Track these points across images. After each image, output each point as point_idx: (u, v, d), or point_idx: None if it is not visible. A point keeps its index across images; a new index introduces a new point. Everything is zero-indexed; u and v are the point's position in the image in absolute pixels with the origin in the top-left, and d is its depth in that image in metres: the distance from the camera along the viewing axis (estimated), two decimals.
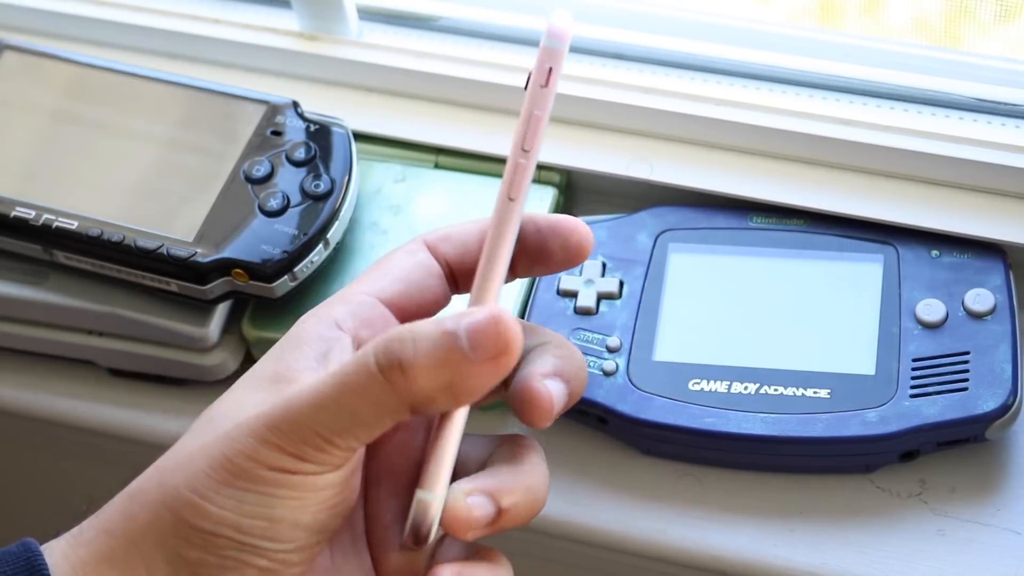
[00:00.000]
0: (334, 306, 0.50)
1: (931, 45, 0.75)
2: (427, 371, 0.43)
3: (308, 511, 0.45)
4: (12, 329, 0.73)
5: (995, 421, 0.62)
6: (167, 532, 0.45)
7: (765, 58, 0.74)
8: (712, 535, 0.63)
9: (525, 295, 0.69)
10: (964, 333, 0.65)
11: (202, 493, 0.45)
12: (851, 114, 0.71)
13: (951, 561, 0.62)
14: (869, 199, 0.70)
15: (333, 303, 0.50)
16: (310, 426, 0.44)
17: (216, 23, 0.80)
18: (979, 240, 0.68)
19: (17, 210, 0.70)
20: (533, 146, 0.47)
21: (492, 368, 0.43)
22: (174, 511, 0.45)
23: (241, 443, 0.45)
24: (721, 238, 0.70)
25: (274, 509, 0.45)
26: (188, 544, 0.45)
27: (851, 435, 0.62)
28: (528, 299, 0.69)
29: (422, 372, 0.43)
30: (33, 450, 0.77)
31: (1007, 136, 0.70)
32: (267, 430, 0.44)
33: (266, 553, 0.45)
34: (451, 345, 0.43)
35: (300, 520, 0.45)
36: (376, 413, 0.44)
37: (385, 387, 0.43)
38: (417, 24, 0.79)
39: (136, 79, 0.74)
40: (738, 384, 0.64)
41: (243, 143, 0.71)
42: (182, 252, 0.67)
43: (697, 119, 0.72)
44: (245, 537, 0.45)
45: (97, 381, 0.73)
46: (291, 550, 0.45)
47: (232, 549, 0.45)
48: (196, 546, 0.45)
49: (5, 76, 0.75)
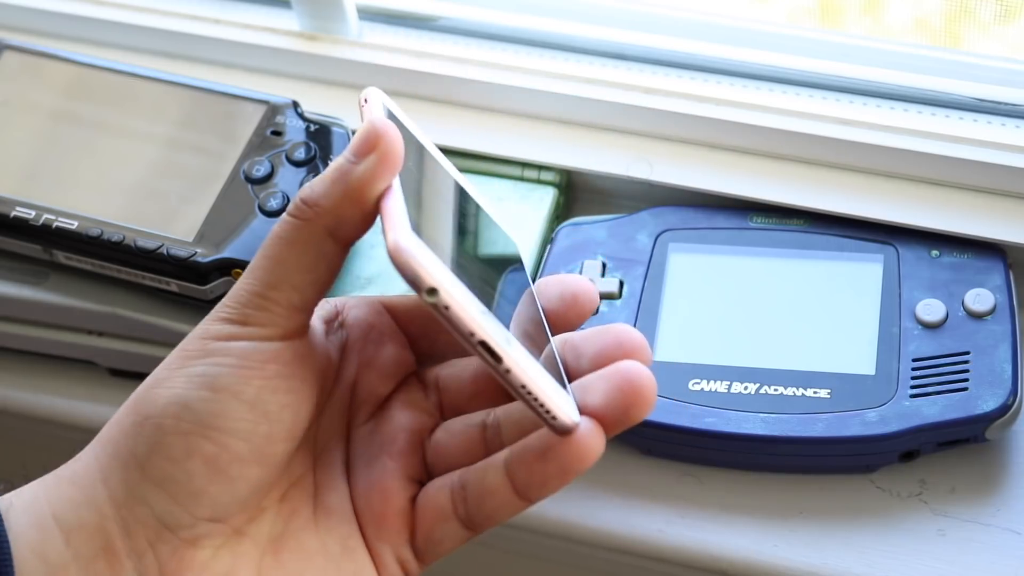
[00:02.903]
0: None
1: (931, 45, 0.75)
2: (324, 192, 0.46)
3: (252, 382, 0.46)
4: (12, 329, 0.73)
5: (995, 421, 0.62)
6: (123, 432, 0.47)
7: (765, 58, 0.74)
8: (712, 535, 0.64)
9: None
10: (964, 333, 0.65)
11: (156, 382, 0.47)
12: (851, 114, 0.71)
13: (951, 561, 0.62)
14: (869, 199, 0.70)
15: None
16: (247, 287, 0.47)
17: (216, 23, 0.80)
18: (979, 240, 0.68)
19: (17, 210, 0.70)
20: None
21: (375, 159, 0.46)
22: (131, 410, 0.47)
23: (193, 331, 0.47)
24: (721, 238, 0.70)
25: (217, 378, 0.46)
26: (140, 438, 0.46)
27: (851, 435, 0.62)
28: None
29: (321, 195, 0.46)
30: (33, 450, 0.77)
31: (1007, 136, 0.70)
32: (215, 309, 0.47)
33: (212, 435, 0.45)
34: (338, 163, 0.46)
35: (244, 392, 0.46)
36: (300, 251, 0.47)
37: (298, 225, 0.47)
38: (417, 24, 0.79)
39: (136, 79, 0.74)
40: (738, 384, 0.64)
41: (243, 143, 0.71)
42: (182, 252, 0.67)
43: (697, 119, 0.72)
44: (190, 414, 0.45)
45: (97, 381, 0.73)
46: (238, 433, 0.46)
47: (178, 433, 0.45)
48: (146, 437, 0.46)
49: (5, 76, 0.75)
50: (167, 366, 0.47)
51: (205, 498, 0.46)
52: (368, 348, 0.51)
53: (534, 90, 0.74)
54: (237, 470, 0.46)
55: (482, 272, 0.49)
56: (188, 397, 0.46)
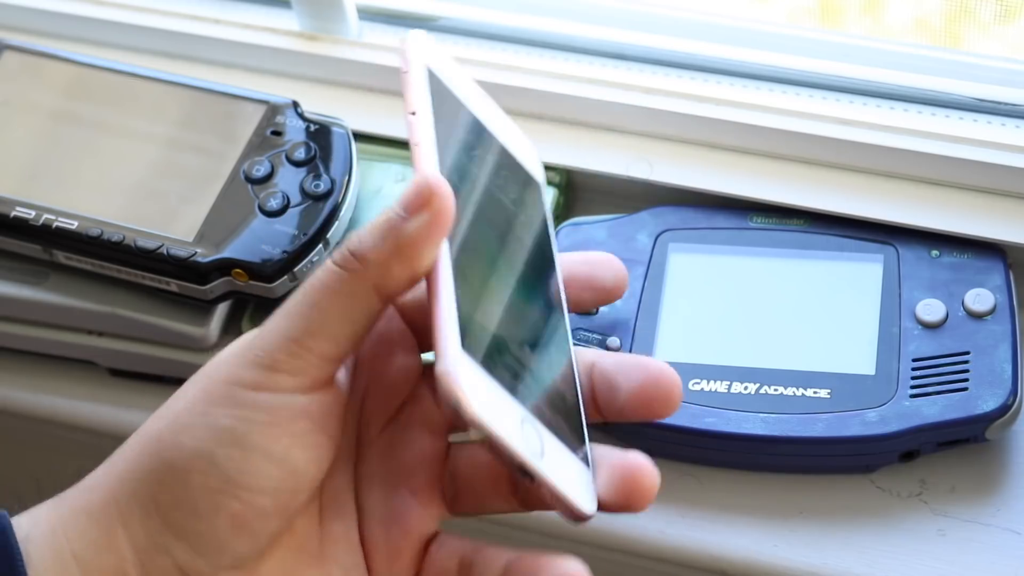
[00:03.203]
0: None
1: (931, 45, 0.75)
2: (373, 246, 0.45)
3: (281, 440, 0.45)
4: (12, 329, 0.73)
5: (995, 421, 0.62)
6: (143, 477, 0.45)
7: (765, 58, 0.74)
8: (712, 535, 0.63)
9: None
10: (964, 333, 0.65)
11: (180, 428, 0.45)
12: (851, 114, 0.71)
13: (951, 561, 0.62)
14: (869, 199, 0.70)
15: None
16: (281, 331, 0.45)
17: (216, 23, 0.80)
18: (979, 240, 0.68)
19: (17, 210, 0.70)
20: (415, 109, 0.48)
21: (427, 218, 0.44)
22: (152, 453, 0.45)
23: (219, 374, 0.46)
24: (721, 238, 0.70)
25: (248, 435, 0.44)
26: (162, 487, 0.45)
27: (851, 435, 0.62)
28: None
29: (370, 248, 0.45)
30: (33, 450, 0.77)
31: (1007, 136, 0.70)
32: (241, 348, 0.46)
33: (239, 494, 0.44)
34: (388, 217, 0.45)
35: (273, 450, 0.44)
36: (343, 303, 0.45)
37: (344, 276, 0.45)
38: (417, 24, 0.79)
39: (136, 79, 0.74)
40: (738, 384, 0.64)
41: (243, 143, 0.71)
42: (182, 252, 0.67)
43: (697, 119, 0.72)
44: (218, 471, 0.44)
45: (97, 381, 0.73)
46: (265, 491, 0.45)
47: (205, 489, 0.44)
48: (169, 488, 0.45)
49: (5, 76, 0.75)
50: (190, 409, 0.45)
51: (227, 550, 0.45)
52: (378, 362, 0.49)
53: (534, 90, 0.74)
54: (261, 525, 0.45)
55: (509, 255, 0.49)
56: (216, 454, 0.44)
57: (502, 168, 0.51)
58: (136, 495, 0.45)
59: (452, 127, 0.49)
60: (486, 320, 0.46)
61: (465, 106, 0.51)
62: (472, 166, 0.49)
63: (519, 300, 0.49)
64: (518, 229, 0.51)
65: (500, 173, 0.51)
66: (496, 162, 0.51)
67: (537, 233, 0.52)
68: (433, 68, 0.49)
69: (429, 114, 0.48)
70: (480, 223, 0.48)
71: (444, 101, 0.49)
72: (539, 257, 0.51)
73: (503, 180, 0.51)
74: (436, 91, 0.49)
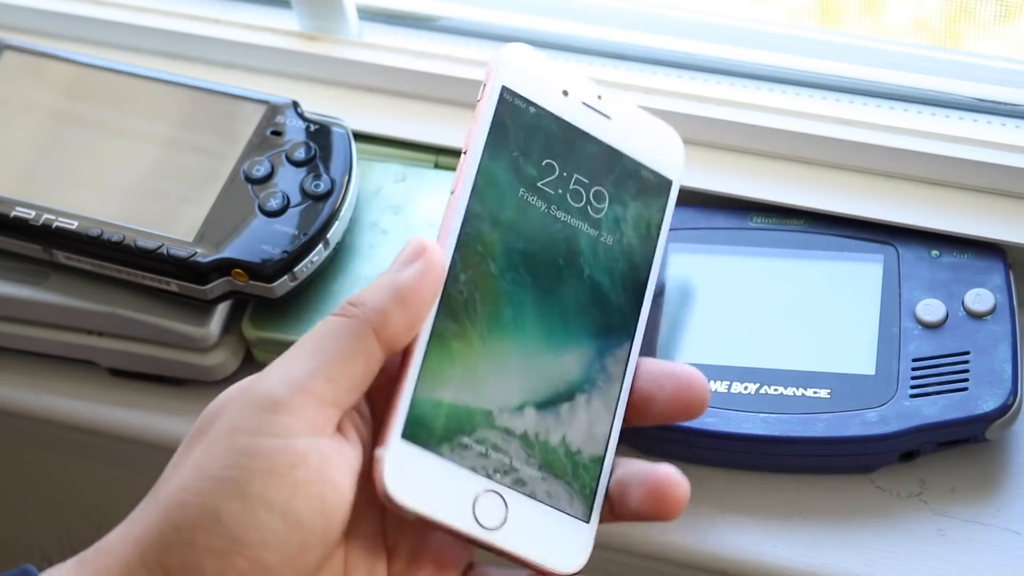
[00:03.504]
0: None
1: (931, 45, 0.75)
2: (370, 294, 0.47)
3: (281, 490, 0.44)
4: (12, 329, 0.73)
5: (995, 421, 0.62)
6: (152, 540, 0.45)
7: (765, 58, 0.74)
8: (712, 535, 0.63)
9: None
10: (964, 333, 0.65)
11: (184, 486, 0.45)
12: (851, 114, 0.71)
13: (951, 561, 0.62)
14: (869, 199, 0.70)
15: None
16: (279, 373, 0.46)
17: (216, 23, 0.80)
18: (979, 240, 0.68)
19: (17, 210, 0.70)
20: (468, 146, 0.50)
21: (420, 267, 0.47)
22: (159, 514, 0.45)
23: (220, 424, 0.46)
24: (721, 238, 0.70)
25: (247, 484, 0.44)
26: (168, 551, 0.44)
27: (851, 435, 0.62)
28: None
29: (367, 296, 0.47)
30: (33, 450, 0.77)
31: (1007, 136, 0.70)
32: (241, 392, 0.46)
33: (244, 551, 0.44)
34: (384, 272, 0.47)
35: (273, 501, 0.44)
36: (340, 342, 0.46)
37: (342, 321, 0.46)
38: (417, 24, 0.79)
39: (136, 79, 0.74)
40: (738, 384, 0.64)
41: (243, 143, 0.71)
42: (182, 252, 0.67)
43: (697, 119, 0.72)
44: (222, 529, 0.44)
45: (97, 381, 0.73)
46: (269, 546, 0.44)
47: (210, 550, 0.44)
48: (176, 551, 0.44)
49: (5, 76, 0.75)
50: (193, 464, 0.45)
51: None
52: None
53: None
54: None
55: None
56: (220, 510, 0.44)
57: (601, 175, 0.52)
58: (145, 561, 0.45)
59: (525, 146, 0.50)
60: (469, 393, 0.47)
61: (558, 118, 0.51)
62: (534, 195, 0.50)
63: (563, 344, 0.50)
64: (601, 256, 0.51)
65: (594, 184, 0.51)
66: (590, 174, 0.51)
67: (632, 256, 0.52)
68: (514, 85, 0.50)
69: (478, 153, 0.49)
70: (526, 266, 0.49)
71: (521, 119, 0.50)
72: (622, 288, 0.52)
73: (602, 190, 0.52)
74: (512, 111, 0.50)
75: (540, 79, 0.51)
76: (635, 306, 0.51)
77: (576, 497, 0.49)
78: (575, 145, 0.51)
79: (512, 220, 0.49)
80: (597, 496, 0.49)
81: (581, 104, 0.52)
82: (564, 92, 0.51)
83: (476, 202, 0.49)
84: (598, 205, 0.51)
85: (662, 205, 0.53)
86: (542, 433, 0.49)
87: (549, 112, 0.51)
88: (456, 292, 0.48)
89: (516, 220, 0.49)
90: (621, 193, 0.52)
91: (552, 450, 0.49)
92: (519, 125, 0.50)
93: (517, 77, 0.50)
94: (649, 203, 0.52)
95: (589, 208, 0.51)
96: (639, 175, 0.52)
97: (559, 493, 0.48)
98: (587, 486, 0.49)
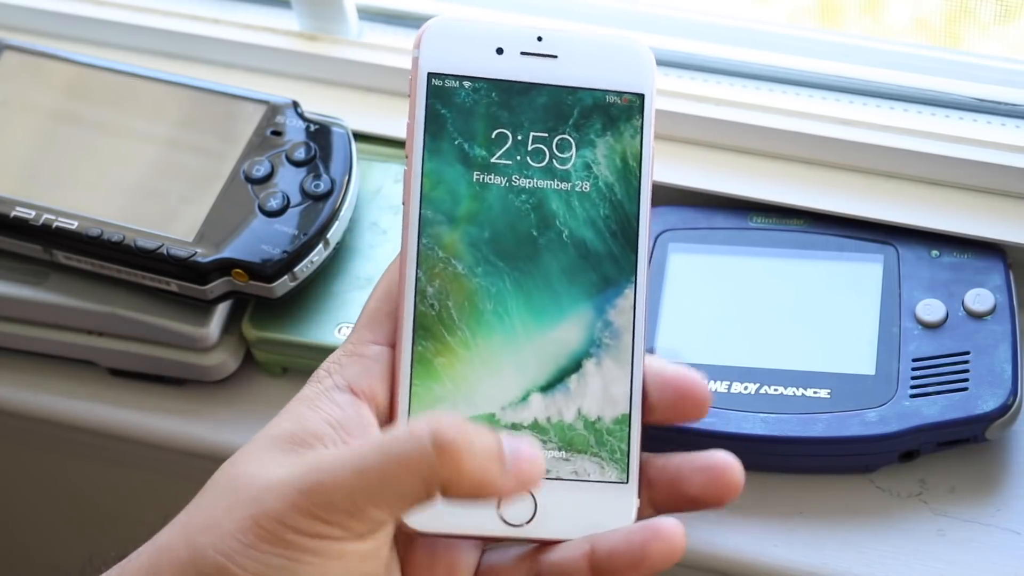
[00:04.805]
0: (347, 366, 0.49)
1: (931, 45, 0.75)
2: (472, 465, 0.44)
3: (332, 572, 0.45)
4: (12, 329, 0.73)
5: (995, 421, 0.62)
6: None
7: (765, 58, 0.74)
8: (712, 535, 0.63)
9: None
10: (964, 333, 0.65)
11: (228, 555, 0.45)
12: (851, 114, 0.71)
13: (951, 561, 0.62)
14: (869, 199, 0.70)
15: (346, 359, 0.49)
16: (346, 492, 0.44)
17: (216, 23, 0.80)
18: (979, 240, 0.68)
19: (17, 210, 0.70)
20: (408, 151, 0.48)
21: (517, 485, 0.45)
22: (200, 572, 0.45)
23: (270, 507, 0.45)
24: (721, 238, 0.70)
25: (297, 573, 0.44)
26: None
27: (851, 435, 0.62)
28: None
29: (469, 464, 0.44)
30: (33, 450, 0.77)
31: (1007, 136, 0.70)
32: (298, 494, 0.45)
33: None
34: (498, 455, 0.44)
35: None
36: (415, 486, 0.44)
37: (433, 464, 0.44)
38: (417, 24, 0.79)
39: (136, 79, 0.74)
40: (738, 384, 0.64)
41: (243, 143, 0.71)
42: (182, 252, 0.67)
43: (697, 119, 0.72)
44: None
45: (97, 381, 0.73)
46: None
47: None
48: None
49: (5, 76, 0.75)
50: (237, 537, 0.45)
51: None
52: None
53: None
54: None
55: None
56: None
57: (560, 123, 0.49)
58: None
59: (468, 128, 0.48)
60: (465, 404, 0.47)
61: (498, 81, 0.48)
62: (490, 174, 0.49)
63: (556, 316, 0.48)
64: (579, 209, 0.48)
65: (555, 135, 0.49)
66: (547, 126, 0.49)
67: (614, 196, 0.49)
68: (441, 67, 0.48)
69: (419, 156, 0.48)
70: (496, 252, 0.48)
71: (457, 100, 0.48)
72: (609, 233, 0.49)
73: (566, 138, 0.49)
74: (444, 96, 0.48)
75: (469, 48, 0.48)
76: (629, 246, 0.49)
77: (607, 464, 0.48)
78: (523, 102, 0.49)
79: (471, 211, 0.48)
80: (632, 455, 0.48)
81: (520, 55, 0.49)
82: (498, 50, 0.49)
83: (427, 208, 0.47)
84: (564, 156, 0.48)
85: (637, 127, 0.49)
86: (553, 415, 0.48)
87: (486, 79, 0.48)
88: (427, 308, 0.47)
89: (476, 209, 0.48)
90: (587, 133, 0.49)
91: (568, 427, 0.48)
92: (456, 108, 0.48)
93: (442, 56, 0.48)
94: (621, 131, 0.49)
95: (555, 162, 0.49)
96: (604, 104, 0.49)
97: (586, 467, 0.48)
98: (616, 449, 0.48)
